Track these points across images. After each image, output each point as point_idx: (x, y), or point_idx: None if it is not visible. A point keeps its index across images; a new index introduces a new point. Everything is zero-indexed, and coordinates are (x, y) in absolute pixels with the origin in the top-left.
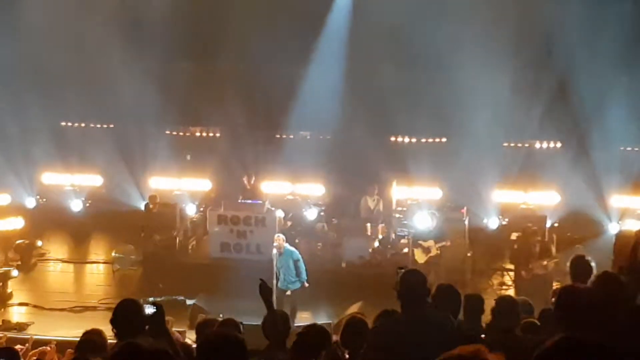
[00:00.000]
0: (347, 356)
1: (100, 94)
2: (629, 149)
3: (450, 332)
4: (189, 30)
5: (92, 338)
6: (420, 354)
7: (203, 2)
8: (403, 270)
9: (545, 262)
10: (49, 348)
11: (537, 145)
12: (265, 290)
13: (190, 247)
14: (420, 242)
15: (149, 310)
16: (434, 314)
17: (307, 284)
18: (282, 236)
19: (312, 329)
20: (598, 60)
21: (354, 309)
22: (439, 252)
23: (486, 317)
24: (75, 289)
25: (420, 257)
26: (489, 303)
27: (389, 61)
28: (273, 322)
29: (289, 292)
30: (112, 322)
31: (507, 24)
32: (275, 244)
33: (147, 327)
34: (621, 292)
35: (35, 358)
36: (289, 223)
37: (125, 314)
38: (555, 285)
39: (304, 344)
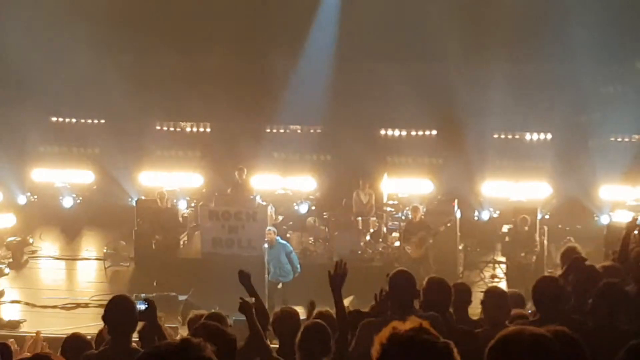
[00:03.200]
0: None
1: (90, 89)
2: (619, 139)
3: (441, 329)
4: (178, 25)
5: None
6: None
7: None
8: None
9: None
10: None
11: (528, 136)
12: (243, 277)
13: (181, 243)
14: (410, 235)
15: (141, 306)
16: (424, 313)
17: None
18: (273, 230)
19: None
20: (589, 50)
21: (345, 303)
22: (429, 244)
23: (475, 309)
24: (67, 286)
25: (413, 251)
26: (481, 296)
27: (378, 54)
28: (260, 308)
29: (280, 285)
30: (104, 318)
31: (496, 13)
32: (266, 239)
33: (139, 323)
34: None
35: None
36: (280, 217)
37: (117, 310)
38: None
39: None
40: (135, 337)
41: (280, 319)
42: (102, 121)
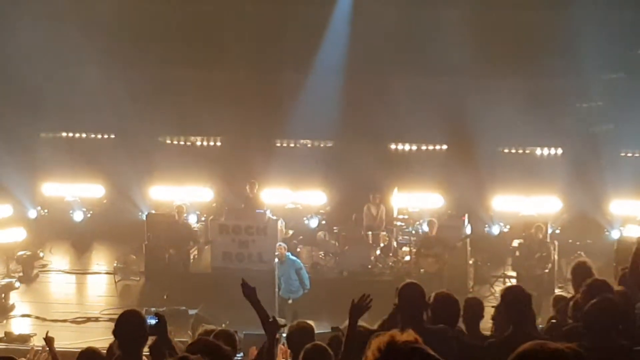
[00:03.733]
0: None
1: (101, 104)
2: (629, 154)
3: (450, 343)
4: (189, 39)
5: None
6: None
7: (204, 11)
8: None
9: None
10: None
11: (538, 151)
12: (248, 290)
13: (192, 257)
14: (425, 250)
15: (151, 321)
16: (433, 326)
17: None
18: (283, 245)
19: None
20: (599, 66)
21: None
22: (441, 260)
23: (485, 324)
24: (77, 300)
25: (429, 266)
26: (492, 311)
27: (389, 68)
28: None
29: (290, 301)
30: (115, 333)
31: (507, 28)
32: (277, 253)
33: (149, 338)
34: None
35: None
36: (291, 232)
37: (127, 324)
38: (558, 292)
39: None
40: (145, 351)
41: (295, 334)
42: (113, 136)
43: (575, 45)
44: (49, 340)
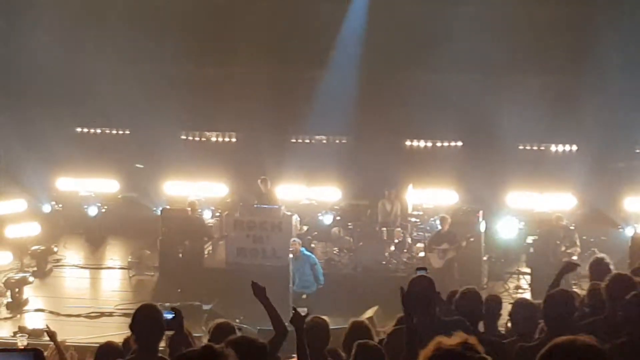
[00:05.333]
0: None
1: (115, 99)
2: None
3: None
4: (204, 35)
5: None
6: None
7: (219, 6)
8: (420, 272)
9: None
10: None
11: (553, 148)
12: (258, 290)
13: (206, 253)
14: (435, 246)
15: (168, 315)
16: (447, 316)
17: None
18: (298, 240)
19: None
20: (616, 62)
21: (369, 313)
22: (454, 255)
23: (502, 321)
24: (91, 295)
25: (435, 262)
26: (506, 307)
27: (404, 65)
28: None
29: (304, 296)
30: (132, 327)
31: (523, 25)
32: (291, 249)
33: (167, 332)
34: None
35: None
36: (305, 228)
37: (144, 319)
38: (575, 288)
39: None
40: (161, 346)
41: (311, 329)
42: (127, 131)
43: (591, 42)
44: (51, 334)
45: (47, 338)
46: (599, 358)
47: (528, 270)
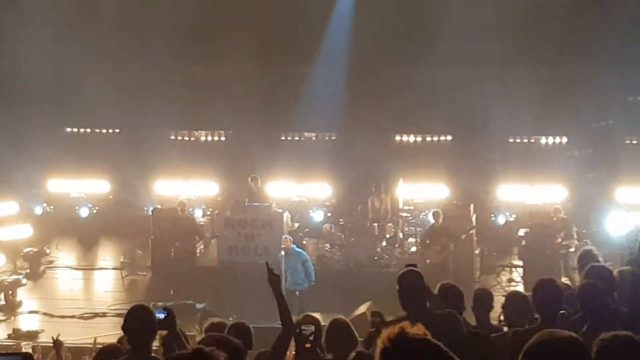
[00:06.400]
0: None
1: (105, 99)
2: (634, 142)
3: (458, 325)
4: (191, 33)
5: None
6: None
7: (206, 4)
8: (409, 267)
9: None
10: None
11: (543, 140)
12: (274, 278)
13: (198, 251)
14: (427, 241)
15: (160, 315)
16: (437, 310)
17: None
18: (289, 238)
19: None
20: (608, 54)
21: (362, 309)
22: (447, 250)
23: (493, 313)
24: (85, 296)
25: (428, 256)
26: (499, 300)
27: (392, 60)
28: (286, 318)
29: (297, 293)
30: (124, 328)
31: (513, 17)
32: (282, 246)
33: (158, 332)
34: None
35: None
36: (296, 225)
37: (137, 319)
38: (565, 280)
39: None
40: (155, 345)
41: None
42: (117, 131)
43: (580, 33)
44: (57, 344)
45: (41, 340)
46: (580, 351)
47: (520, 263)
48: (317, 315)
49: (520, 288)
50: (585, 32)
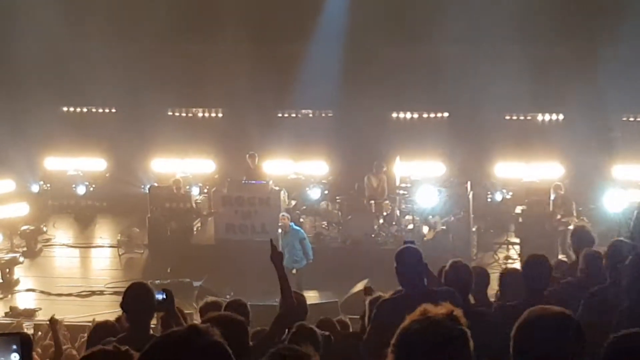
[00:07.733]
0: None
1: (101, 78)
2: (631, 119)
3: (457, 302)
4: (189, 10)
5: (104, 326)
6: None
7: None
8: (407, 244)
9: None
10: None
11: (539, 117)
12: (276, 255)
13: (195, 229)
14: (425, 218)
15: (159, 296)
16: (435, 288)
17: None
18: (287, 215)
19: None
20: (600, 30)
21: (359, 286)
22: (444, 227)
23: (490, 290)
24: (82, 274)
25: (425, 233)
26: (495, 277)
27: (389, 37)
28: (288, 295)
29: (294, 271)
30: (123, 305)
31: None
32: (280, 224)
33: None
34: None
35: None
36: (293, 202)
37: (135, 297)
38: (561, 257)
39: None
40: (154, 324)
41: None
42: (114, 110)
43: (577, 10)
44: (53, 323)
45: (39, 318)
46: (571, 326)
47: (517, 240)
48: (312, 292)
49: (517, 265)
50: (582, 9)
